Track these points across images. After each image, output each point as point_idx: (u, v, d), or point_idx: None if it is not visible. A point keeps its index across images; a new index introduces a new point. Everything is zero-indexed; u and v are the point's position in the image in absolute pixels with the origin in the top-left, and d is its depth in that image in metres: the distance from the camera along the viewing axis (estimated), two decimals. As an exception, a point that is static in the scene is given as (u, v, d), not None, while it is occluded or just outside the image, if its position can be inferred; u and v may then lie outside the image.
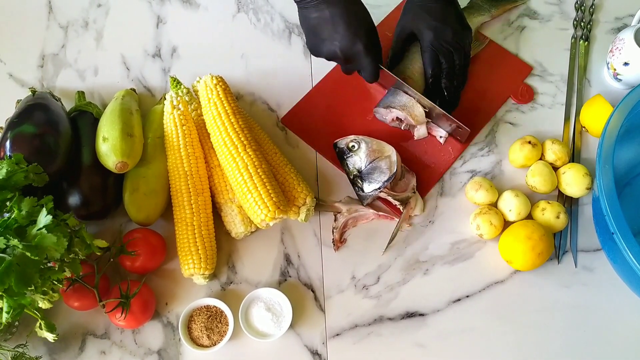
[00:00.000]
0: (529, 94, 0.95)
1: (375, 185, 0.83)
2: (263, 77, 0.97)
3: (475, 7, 1.00)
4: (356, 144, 0.85)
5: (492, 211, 0.84)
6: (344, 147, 0.86)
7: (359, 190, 0.85)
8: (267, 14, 1.03)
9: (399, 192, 0.86)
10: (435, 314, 0.82)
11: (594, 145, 0.92)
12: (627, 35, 0.90)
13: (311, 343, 0.80)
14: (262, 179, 0.77)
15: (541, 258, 0.80)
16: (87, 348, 0.80)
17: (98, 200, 0.81)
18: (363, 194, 0.84)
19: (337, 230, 0.85)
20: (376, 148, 0.85)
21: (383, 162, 0.84)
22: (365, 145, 0.85)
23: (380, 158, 0.84)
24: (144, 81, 0.98)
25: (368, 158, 0.84)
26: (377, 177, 0.83)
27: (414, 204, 0.86)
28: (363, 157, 0.84)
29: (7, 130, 0.79)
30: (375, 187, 0.83)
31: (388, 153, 0.85)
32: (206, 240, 0.80)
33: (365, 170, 0.84)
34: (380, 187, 0.83)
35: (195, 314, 0.80)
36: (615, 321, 0.81)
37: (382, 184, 0.83)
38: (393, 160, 0.84)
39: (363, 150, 0.84)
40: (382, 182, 0.83)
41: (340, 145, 0.87)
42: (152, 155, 0.85)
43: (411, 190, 0.86)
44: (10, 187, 0.71)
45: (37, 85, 0.97)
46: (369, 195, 0.84)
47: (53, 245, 0.66)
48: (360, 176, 0.84)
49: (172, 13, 1.03)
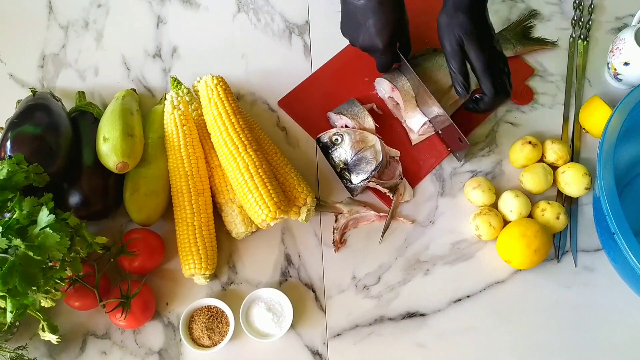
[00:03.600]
0: (528, 95, 0.95)
1: (363, 175, 0.83)
2: (263, 77, 0.97)
3: (502, 39, 0.95)
4: (339, 137, 0.85)
5: (491, 212, 0.84)
6: (328, 141, 0.86)
7: (348, 183, 0.85)
8: (267, 14, 1.03)
9: (387, 179, 0.86)
10: (435, 314, 0.82)
11: (594, 145, 0.92)
12: (628, 35, 0.90)
13: (312, 343, 0.80)
14: (263, 179, 0.77)
15: (538, 255, 0.80)
16: (87, 348, 0.80)
17: (99, 200, 0.81)
18: (352, 186, 0.85)
19: (338, 231, 0.85)
20: (360, 139, 0.85)
21: (368, 152, 0.84)
22: (349, 137, 0.85)
23: (365, 148, 0.84)
24: (144, 81, 0.98)
25: (353, 149, 0.84)
26: (364, 168, 0.83)
27: (402, 190, 0.87)
28: (348, 149, 0.84)
29: (7, 131, 0.79)
30: (363, 178, 0.83)
31: (372, 142, 0.85)
32: (207, 240, 0.80)
33: (351, 162, 0.84)
34: (368, 177, 0.83)
35: (196, 314, 0.80)
36: (616, 321, 0.81)
37: (370, 174, 0.83)
38: (378, 149, 0.84)
39: (347, 142, 0.85)
40: (369, 172, 0.83)
41: (323, 139, 0.87)
42: (152, 156, 0.85)
43: (398, 177, 0.87)
44: (11, 188, 0.71)
45: (38, 85, 0.97)
46: (357, 187, 0.84)
47: (56, 244, 0.66)
48: (347, 168, 0.84)
49: (172, 13, 1.03)
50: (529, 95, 0.96)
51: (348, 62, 0.97)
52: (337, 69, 0.97)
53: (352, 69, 0.96)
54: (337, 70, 0.97)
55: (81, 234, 0.73)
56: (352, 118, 0.88)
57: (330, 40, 0.98)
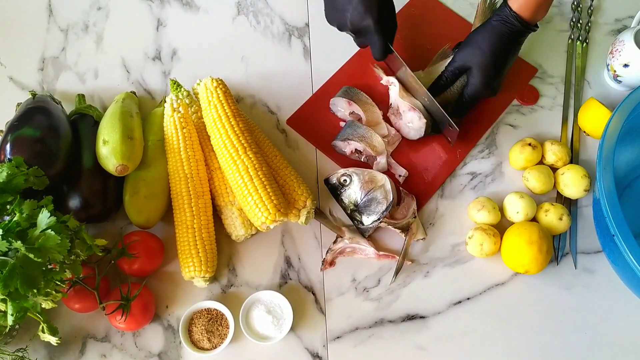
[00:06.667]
0: (534, 96, 0.95)
1: (374, 217, 0.82)
2: (263, 79, 0.97)
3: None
4: (347, 177, 0.84)
5: (489, 232, 0.82)
6: (336, 182, 0.85)
7: (359, 224, 0.84)
8: (267, 17, 1.03)
9: (400, 218, 0.85)
10: (435, 317, 0.82)
11: (593, 147, 0.92)
12: (627, 36, 0.90)
13: (312, 346, 0.80)
14: (263, 181, 0.77)
15: (549, 255, 0.80)
16: (87, 351, 0.80)
17: (98, 203, 0.81)
18: (363, 227, 0.84)
19: (333, 252, 0.84)
20: (369, 179, 0.84)
21: (378, 192, 0.83)
22: (357, 177, 0.84)
23: (374, 189, 0.83)
24: (144, 84, 0.98)
25: (363, 190, 0.83)
26: (375, 209, 0.83)
27: (415, 230, 0.85)
28: (357, 190, 0.83)
29: (7, 134, 0.79)
30: (374, 219, 0.82)
31: (382, 182, 0.84)
32: (206, 243, 0.80)
33: (361, 203, 0.83)
34: (379, 218, 0.82)
35: (195, 317, 0.80)
36: (617, 323, 0.81)
37: (381, 215, 0.82)
38: (388, 189, 0.83)
39: (356, 183, 0.84)
40: (380, 212, 0.82)
41: (332, 181, 0.86)
42: (152, 158, 0.85)
43: (412, 215, 0.85)
44: (11, 190, 0.71)
45: (38, 88, 0.97)
46: (369, 228, 0.83)
47: (56, 246, 0.66)
48: (358, 210, 0.84)
49: (172, 16, 1.03)
50: (535, 95, 0.95)
51: (353, 75, 0.96)
52: (342, 82, 0.95)
53: (359, 79, 0.95)
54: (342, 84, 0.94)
55: (81, 236, 0.73)
56: (360, 141, 0.87)
57: (330, 42, 0.98)
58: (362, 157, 0.89)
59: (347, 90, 0.91)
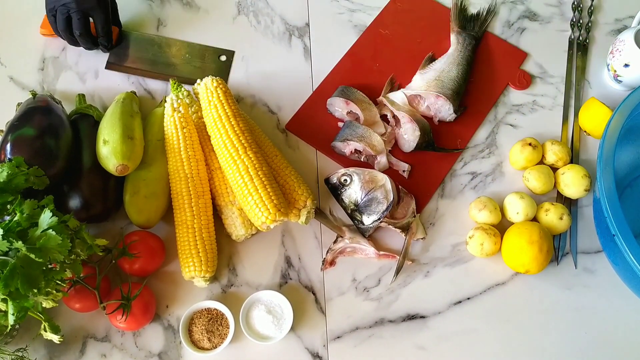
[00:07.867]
0: (526, 80, 0.96)
1: (374, 217, 0.83)
2: (263, 79, 0.97)
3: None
4: (348, 177, 0.84)
5: (490, 232, 0.82)
6: (337, 182, 0.85)
7: (359, 224, 0.84)
8: (267, 17, 1.03)
9: (400, 218, 0.85)
10: (436, 316, 0.82)
11: (593, 147, 0.92)
12: (627, 36, 0.90)
13: (312, 345, 0.80)
14: (263, 181, 0.77)
15: (550, 255, 0.80)
16: (87, 351, 0.80)
17: (98, 203, 0.81)
18: (364, 227, 0.84)
19: (333, 252, 0.84)
20: (369, 179, 0.84)
21: (379, 192, 0.83)
22: (358, 177, 0.84)
23: (375, 188, 0.83)
24: (144, 84, 0.98)
25: (363, 190, 0.83)
26: (375, 208, 0.83)
27: (415, 229, 0.85)
28: (358, 190, 0.84)
29: (7, 133, 0.79)
30: (374, 219, 0.83)
31: (382, 182, 0.84)
32: (207, 242, 0.80)
33: (362, 203, 0.83)
34: (379, 218, 0.82)
35: (196, 317, 0.80)
36: (617, 323, 0.81)
37: (382, 215, 0.82)
38: (388, 189, 0.83)
39: (356, 183, 0.84)
40: (380, 212, 0.82)
41: (332, 181, 0.86)
42: (152, 158, 0.85)
43: (411, 215, 0.85)
44: (11, 190, 0.71)
45: (38, 88, 0.97)
46: (369, 228, 0.83)
47: (57, 246, 0.66)
48: (358, 209, 0.84)
49: (172, 15, 1.03)
50: (527, 80, 0.96)
51: (347, 74, 0.97)
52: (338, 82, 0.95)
53: (353, 78, 0.96)
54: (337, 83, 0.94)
55: (81, 236, 0.73)
56: (359, 141, 0.87)
57: (330, 42, 0.98)
58: (362, 157, 0.89)
59: (343, 90, 0.91)
